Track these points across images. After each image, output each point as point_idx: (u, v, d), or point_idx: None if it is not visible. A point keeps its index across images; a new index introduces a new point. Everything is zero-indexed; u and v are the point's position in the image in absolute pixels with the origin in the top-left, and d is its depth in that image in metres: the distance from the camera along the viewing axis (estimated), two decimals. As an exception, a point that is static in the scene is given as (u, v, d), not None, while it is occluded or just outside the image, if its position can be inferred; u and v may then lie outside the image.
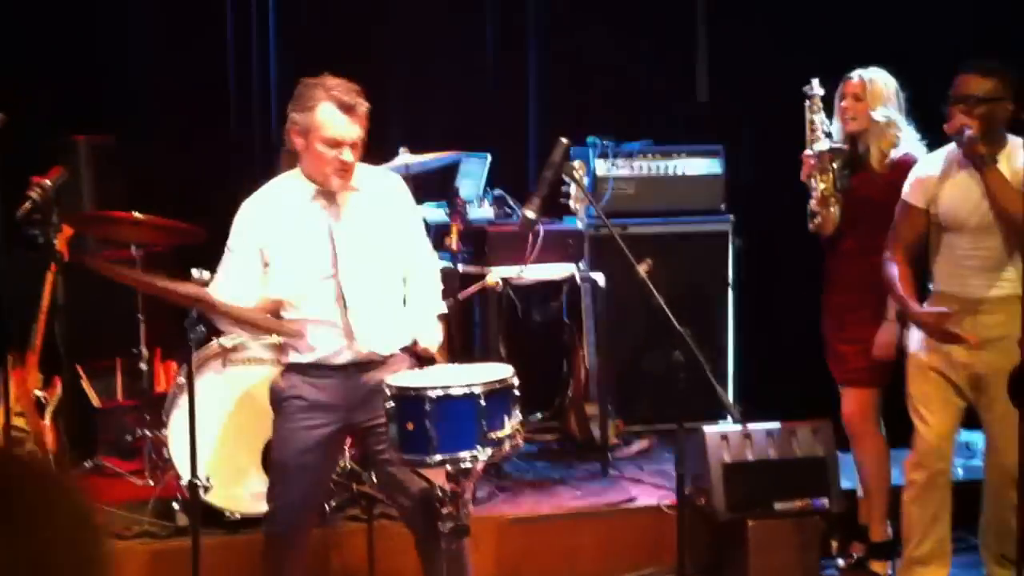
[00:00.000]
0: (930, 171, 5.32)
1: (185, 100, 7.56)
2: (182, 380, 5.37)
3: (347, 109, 4.55)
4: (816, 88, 5.75)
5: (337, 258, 4.67)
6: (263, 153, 7.56)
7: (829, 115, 5.73)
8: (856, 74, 5.65)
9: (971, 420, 5.51)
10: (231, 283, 4.70)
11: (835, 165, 5.68)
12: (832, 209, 5.69)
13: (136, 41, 7.61)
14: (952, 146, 5.23)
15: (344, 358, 4.71)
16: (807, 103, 5.75)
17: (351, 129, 4.57)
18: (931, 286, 5.39)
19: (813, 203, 5.72)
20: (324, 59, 4.96)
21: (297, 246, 4.69)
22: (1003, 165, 5.12)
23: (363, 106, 4.59)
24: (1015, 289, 5.05)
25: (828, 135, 5.72)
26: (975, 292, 5.20)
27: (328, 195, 4.68)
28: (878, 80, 5.61)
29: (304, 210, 4.69)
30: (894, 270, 5.35)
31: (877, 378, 5.67)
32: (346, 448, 5.64)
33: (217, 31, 7.61)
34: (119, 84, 7.53)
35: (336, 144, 4.55)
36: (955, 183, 5.19)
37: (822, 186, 5.68)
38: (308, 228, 4.69)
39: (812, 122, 5.74)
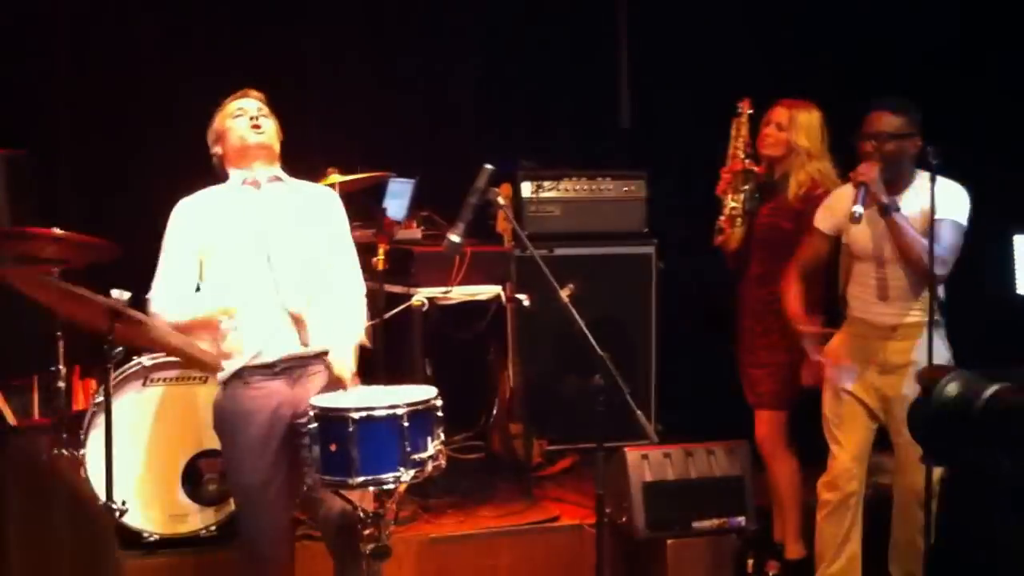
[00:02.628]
0: (840, 202, 5.40)
1: (100, 113, 7.47)
2: (101, 399, 5.31)
3: (239, 96, 4.84)
4: (744, 109, 5.82)
5: (270, 245, 4.70)
6: (182, 171, 7.48)
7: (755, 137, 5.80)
8: (783, 103, 5.72)
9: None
10: (168, 284, 4.74)
11: (747, 187, 5.78)
12: (737, 229, 5.80)
13: (55, 54, 7.51)
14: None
15: (280, 352, 4.68)
16: (733, 122, 5.82)
17: (249, 103, 4.82)
18: (846, 312, 5.48)
19: (721, 219, 5.84)
20: (244, 78, 4.97)
21: (231, 236, 4.72)
22: (911, 200, 5.22)
23: (254, 92, 4.85)
24: (922, 317, 5.16)
25: (749, 156, 5.79)
26: (885, 319, 5.32)
27: (255, 185, 4.78)
28: (803, 111, 5.68)
29: (235, 202, 4.78)
30: (788, 288, 5.52)
31: (786, 401, 5.77)
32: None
33: (132, 44, 7.53)
34: (33, 96, 7.43)
35: (241, 112, 4.80)
36: (864, 216, 5.23)
37: (732, 204, 5.80)
38: (241, 217, 4.74)
39: (735, 141, 5.81)
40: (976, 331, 5.42)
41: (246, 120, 4.77)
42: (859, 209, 5.08)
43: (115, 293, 4.51)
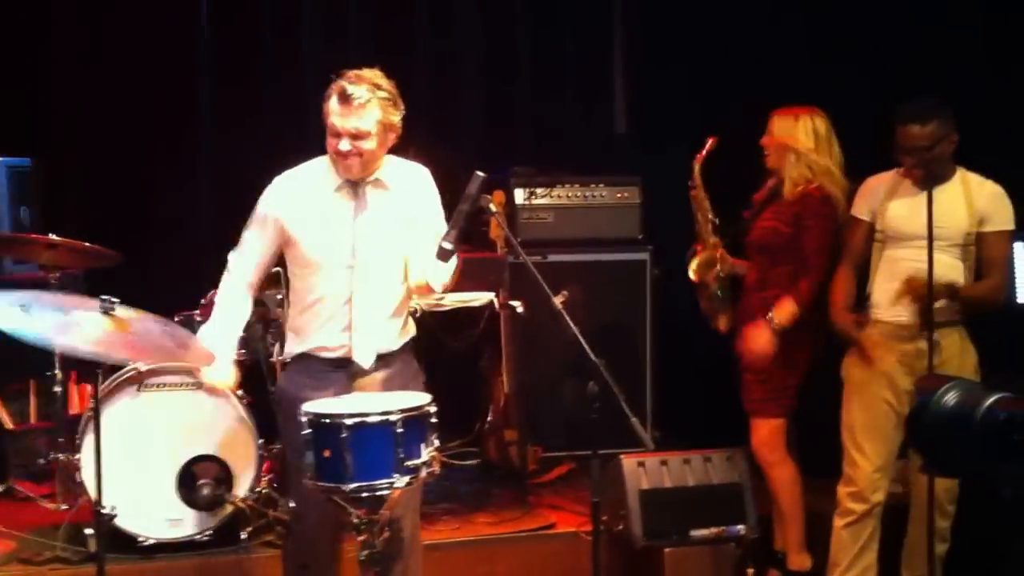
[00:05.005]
0: (876, 185, 5.41)
1: (105, 122, 7.48)
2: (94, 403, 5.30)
3: (344, 99, 4.57)
4: (696, 178, 5.86)
5: (356, 250, 4.69)
6: (186, 179, 7.52)
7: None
8: (777, 113, 5.73)
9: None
10: (245, 258, 4.82)
11: (720, 270, 5.87)
12: (722, 317, 5.90)
13: (55, 61, 7.51)
14: (897, 170, 5.33)
15: (341, 352, 4.72)
16: (691, 197, 5.88)
17: (346, 120, 4.57)
18: (870, 313, 5.42)
19: (703, 303, 5.95)
20: (247, 84, 4.95)
21: (320, 228, 4.70)
22: (951, 197, 5.21)
23: (361, 97, 4.56)
24: (957, 315, 5.20)
25: (716, 230, 5.87)
26: (915, 316, 5.21)
27: (352, 185, 4.71)
28: (796, 116, 5.67)
29: (330, 194, 4.72)
30: (837, 280, 5.50)
31: (779, 409, 5.72)
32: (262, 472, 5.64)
33: (139, 52, 7.53)
34: (37, 104, 7.44)
35: (334, 133, 4.61)
36: (902, 199, 5.25)
37: (713, 291, 5.89)
38: (333, 212, 4.70)
39: (699, 216, 5.91)
40: (976, 340, 5.39)
41: (336, 148, 4.61)
42: None
43: (104, 299, 4.47)
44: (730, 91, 7.09)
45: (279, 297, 5.91)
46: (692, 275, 5.91)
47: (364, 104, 4.57)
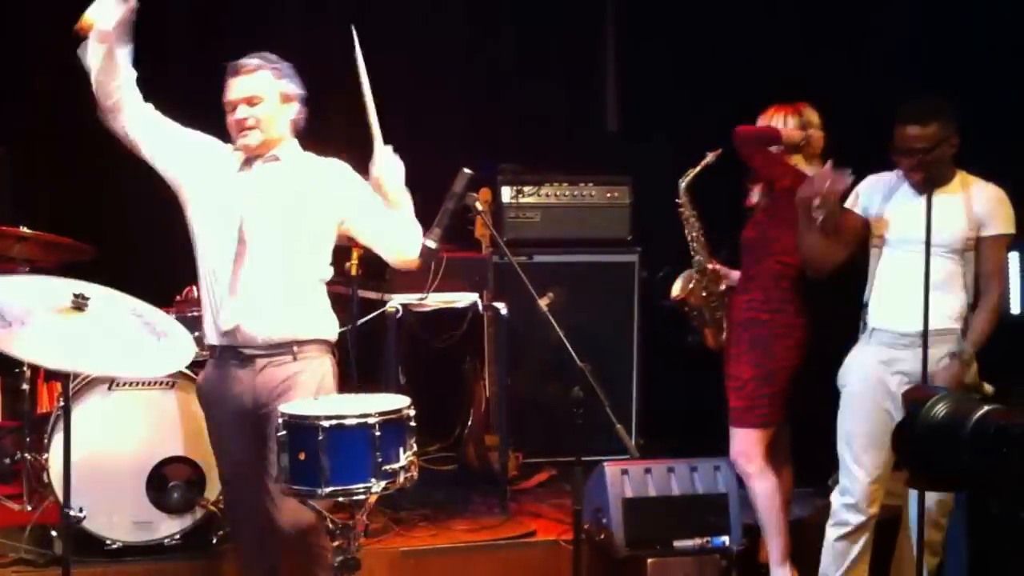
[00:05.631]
0: (876, 183, 5.29)
1: (79, 109, 7.35)
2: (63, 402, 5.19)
3: (234, 71, 4.59)
4: (683, 195, 5.78)
5: (243, 225, 4.56)
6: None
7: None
8: (765, 113, 5.65)
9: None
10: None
11: (708, 291, 5.87)
12: (707, 331, 5.88)
13: (32, 51, 7.39)
14: (897, 172, 5.23)
15: (213, 337, 4.62)
16: (682, 217, 5.82)
17: (238, 87, 4.59)
18: (867, 322, 5.30)
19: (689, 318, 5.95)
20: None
21: (209, 196, 4.63)
22: (951, 201, 5.10)
23: (250, 64, 4.59)
24: (956, 323, 5.08)
25: (702, 241, 5.86)
26: (916, 324, 5.06)
27: (248, 163, 4.65)
28: (783, 115, 5.62)
29: (230, 171, 4.65)
30: None
31: (755, 418, 5.62)
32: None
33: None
34: (9, 94, 7.31)
35: (231, 107, 4.59)
36: (901, 202, 5.16)
37: (694, 304, 5.89)
38: (226, 184, 4.62)
39: (689, 235, 5.86)
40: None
41: (234, 119, 4.59)
42: None
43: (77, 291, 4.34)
44: (725, 87, 6.99)
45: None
46: (675, 291, 5.85)
47: (253, 70, 4.59)
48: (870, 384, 5.23)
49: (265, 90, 4.58)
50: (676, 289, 5.91)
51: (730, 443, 5.69)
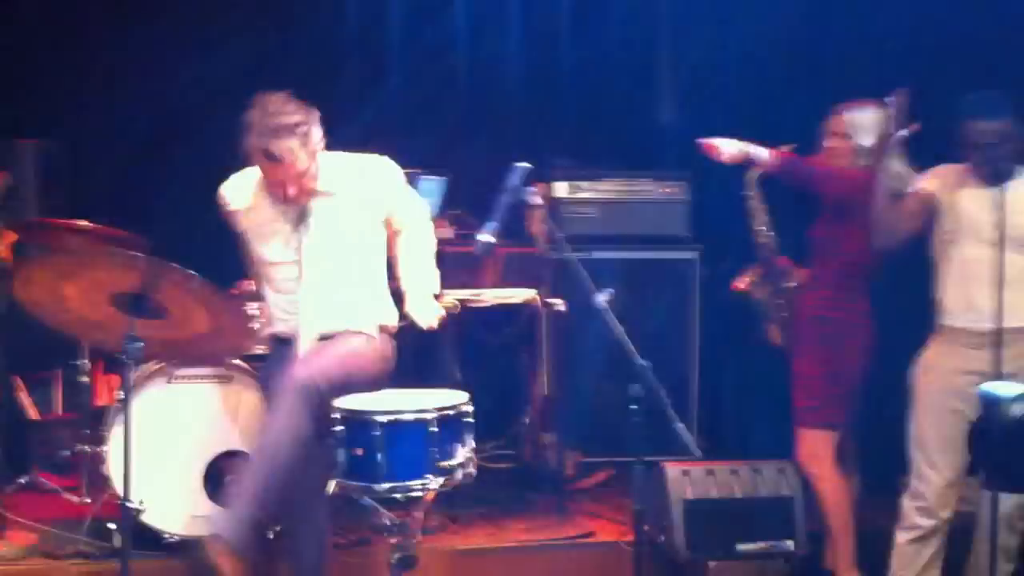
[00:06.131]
0: (947, 174, 5.20)
1: (138, 107, 7.38)
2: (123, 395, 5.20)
3: (271, 158, 4.73)
4: (751, 187, 5.72)
5: (301, 251, 4.87)
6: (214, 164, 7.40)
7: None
8: (842, 109, 5.54)
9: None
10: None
11: (770, 283, 5.82)
12: (772, 327, 5.82)
13: (87, 46, 7.42)
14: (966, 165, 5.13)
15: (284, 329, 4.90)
16: (747, 200, 5.74)
17: (279, 173, 4.76)
18: (939, 320, 5.21)
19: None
20: (279, 68, 4.85)
21: (265, 225, 4.94)
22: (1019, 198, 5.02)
23: (287, 152, 4.71)
24: None
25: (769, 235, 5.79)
26: (990, 321, 4.98)
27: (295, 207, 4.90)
28: (860, 111, 5.49)
29: (272, 206, 4.93)
30: None
31: (823, 419, 5.54)
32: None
33: (166, 31, 7.43)
34: (68, 89, 7.34)
35: (272, 181, 4.83)
36: (972, 195, 5.06)
37: (761, 299, 5.84)
38: (277, 218, 4.92)
39: (755, 217, 5.78)
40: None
41: (280, 191, 4.80)
42: None
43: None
44: (788, 82, 6.92)
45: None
46: (736, 284, 5.79)
47: (292, 157, 4.73)
48: (942, 384, 5.14)
49: (299, 159, 4.74)
50: (740, 282, 5.85)
51: (797, 444, 5.61)
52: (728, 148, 5.47)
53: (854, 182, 5.36)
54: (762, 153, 5.45)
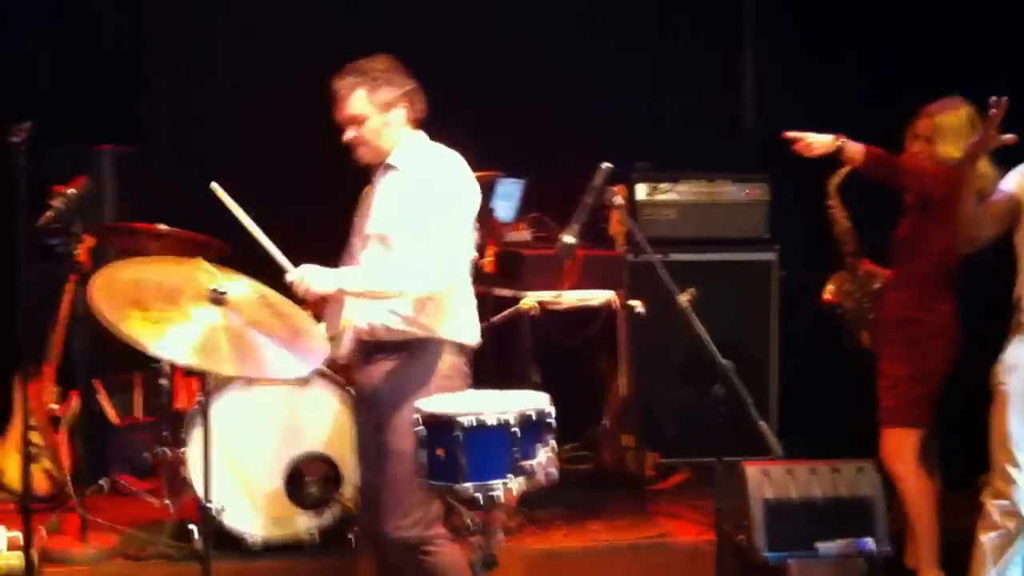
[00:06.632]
0: None
1: (211, 113, 7.43)
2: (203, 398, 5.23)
3: (333, 96, 4.71)
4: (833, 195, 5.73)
5: (353, 235, 4.77)
6: (290, 166, 7.46)
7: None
8: (926, 112, 5.46)
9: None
10: None
11: (857, 288, 5.83)
12: (862, 332, 5.81)
13: (162, 51, 7.48)
14: None
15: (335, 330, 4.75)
16: (829, 198, 5.72)
17: (340, 112, 4.69)
18: (1020, 318, 5.13)
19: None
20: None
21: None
22: None
23: (343, 86, 4.67)
24: None
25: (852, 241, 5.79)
26: None
27: (379, 171, 4.76)
28: (948, 115, 5.41)
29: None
30: None
31: (909, 418, 5.51)
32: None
33: (241, 37, 7.48)
34: (145, 94, 7.41)
35: (342, 128, 4.72)
36: None
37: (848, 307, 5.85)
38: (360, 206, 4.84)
39: (835, 216, 5.79)
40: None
41: (344, 138, 4.72)
42: None
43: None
44: (867, 84, 6.86)
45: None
46: (825, 296, 5.73)
47: (348, 93, 4.65)
48: None
49: (363, 108, 4.65)
50: (828, 291, 5.80)
51: (881, 443, 5.56)
52: (819, 141, 5.39)
53: (942, 181, 5.28)
54: (854, 146, 5.37)
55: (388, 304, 4.57)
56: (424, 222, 4.56)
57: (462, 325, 4.69)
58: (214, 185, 4.58)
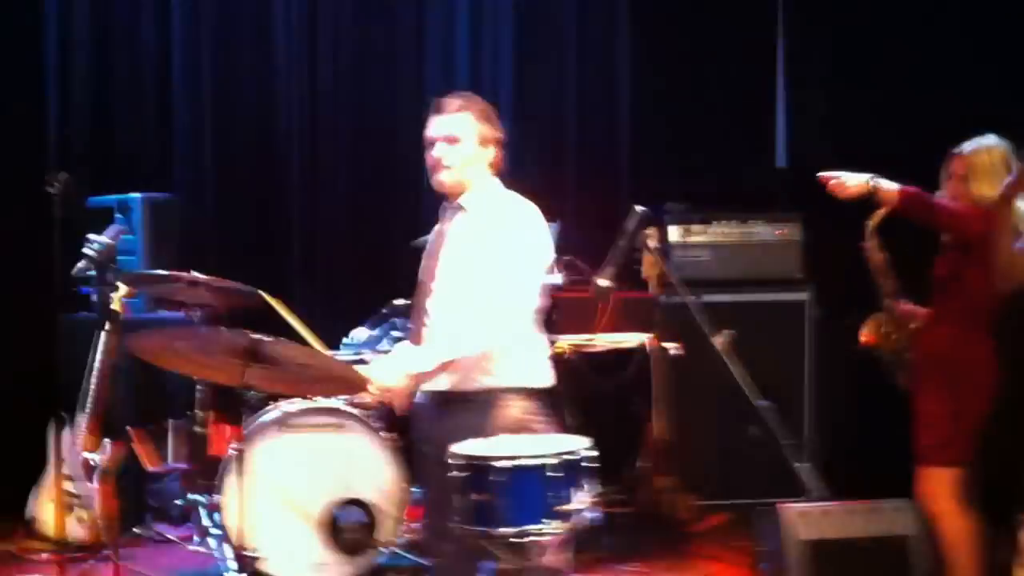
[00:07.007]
0: None
1: (246, 161, 7.47)
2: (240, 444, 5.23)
3: (437, 109, 4.55)
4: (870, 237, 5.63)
5: (423, 275, 4.62)
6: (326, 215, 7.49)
7: None
8: (958, 150, 5.43)
9: None
10: None
11: (895, 333, 5.69)
12: (900, 373, 5.67)
13: (195, 100, 7.52)
14: None
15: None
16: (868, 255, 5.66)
17: (439, 125, 4.53)
18: None
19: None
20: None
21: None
22: None
23: (453, 104, 4.54)
24: None
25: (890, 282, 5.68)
26: None
27: (449, 212, 4.63)
28: (982, 155, 5.38)
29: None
30: None
31: (947, 458, 5.41)
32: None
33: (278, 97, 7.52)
34: (178, 142, 7.45)
35: (430, 144, 4.54)
36: None
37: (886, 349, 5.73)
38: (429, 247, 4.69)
39: (876, 269, 5.67)
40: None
41: (431, 157, 4.55)
42: None
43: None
44: (898, 122, 6.84)
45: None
46: (862, 338, 5.70)
47: (456, 109, 4.54)
48: None
49: (465, 131, 4.52)
50: (866, 334, 5.76)
51: (919, 483, 5.50)
52: (853, 182, 5.36)
53: (979, 221, 5.26)
54: (889, 186, 5.33)
55: None
56: (491, 274, 4.46)
57: (531, 370, 4.62)
58: (263, 294, 4.53)
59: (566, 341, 6.21)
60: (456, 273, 4.54)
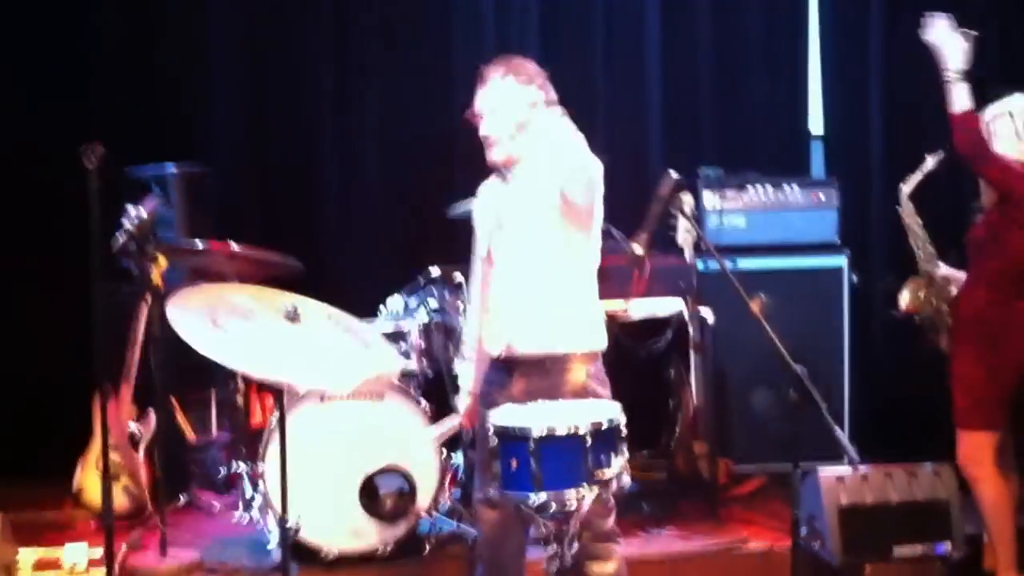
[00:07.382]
0: None
1: (280, 132, 7.48)
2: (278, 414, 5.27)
3: (479, 80, 4.53)
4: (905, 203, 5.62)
5: (491, 237, 4.61)
6: (361, 185, 7.49)
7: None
8: (982, 114, 5.42)
9: None
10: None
11: (933, 296, 5.74)
12: (940, 336, 5.71)
13: (231, 72, 7.53)
14: None
15: (494, 348, 4.58)
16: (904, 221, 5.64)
17: (479, 99, 4.52)
18: None
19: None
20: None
21: (480, 229, 4.68)
22: None
23: (493, 72, 4.49)
24: None
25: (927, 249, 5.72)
26: None
27: (501, 175, 4.60)
28: (1002, 116, 5.36)
29: (491, 188, 4.68)
30: None
31: (983, 421, 5.42)
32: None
33: (310, 68, 7.54)
34: (214, 113, 7.47)
35: (478, 118, 4.53)
36: None
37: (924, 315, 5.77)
38: (486, 204, 4.67)
39: (914, 237, 5.69)
40: None
41: (480, 132, 4.52)
42: None
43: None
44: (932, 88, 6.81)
45: (460, 305, 5.86)
46: (903, 303, 5.69)
47: (494, 78, 4.50)
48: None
49: (506, 100, 4.47)
50: (905, 300, 5.75)
51: (957, 446, 5.50)
52: (948, 38, 5.27)
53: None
54: (963, 94, 5.25)
55: (521, 324, 4.53)
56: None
57: (594, 332, 4.64)
58: None
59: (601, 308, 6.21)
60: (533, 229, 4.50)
